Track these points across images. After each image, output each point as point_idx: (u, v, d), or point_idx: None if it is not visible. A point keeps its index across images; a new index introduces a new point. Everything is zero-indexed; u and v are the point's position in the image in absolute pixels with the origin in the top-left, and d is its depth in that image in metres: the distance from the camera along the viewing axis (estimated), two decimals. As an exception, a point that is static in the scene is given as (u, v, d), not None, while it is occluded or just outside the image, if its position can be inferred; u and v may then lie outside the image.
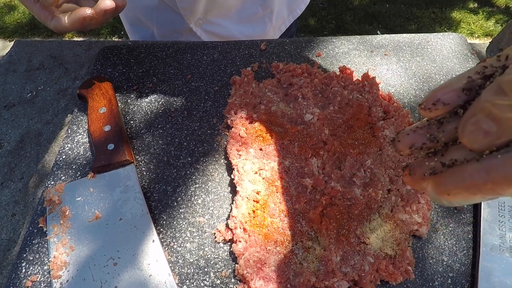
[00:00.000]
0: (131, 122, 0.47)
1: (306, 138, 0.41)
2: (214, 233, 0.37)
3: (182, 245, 0.37)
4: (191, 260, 0.36)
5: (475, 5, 2.12)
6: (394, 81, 0.50)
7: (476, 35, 1.94)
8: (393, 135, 0.41)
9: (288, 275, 0.33)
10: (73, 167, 0.42)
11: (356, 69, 0.51)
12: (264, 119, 0.43)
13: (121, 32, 1.92)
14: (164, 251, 0.36)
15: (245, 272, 0.33)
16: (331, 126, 0.43)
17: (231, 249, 0.36)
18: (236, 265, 0.34)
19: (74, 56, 0.58)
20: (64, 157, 0.43)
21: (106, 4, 0.39)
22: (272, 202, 0.37)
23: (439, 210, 0.39)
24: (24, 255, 0.36)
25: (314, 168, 0.39)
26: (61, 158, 0.43)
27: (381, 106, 0.44)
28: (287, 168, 0.39)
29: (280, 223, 0.36)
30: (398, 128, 0.42)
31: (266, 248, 0.34)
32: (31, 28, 1.93)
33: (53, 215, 0.38)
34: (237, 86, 0.48)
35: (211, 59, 0.53)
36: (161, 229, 0.38)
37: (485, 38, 1.92)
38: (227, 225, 0.37)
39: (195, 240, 0.37)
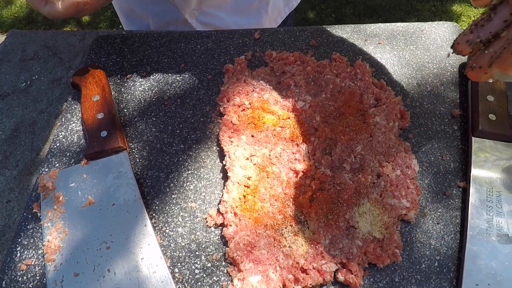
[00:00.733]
0: (125, 110, 0.47)
1: (298, 125, 0.42)
2: (206, 218, 0.38)
3: (174, 230, 0.37)
4: (183, 244, 0.36)
5: (476, -2, 2.10)
6: (388, 70, 0.51)
7: (476, 28, 1.92)
8: (384, 122, 0.42)
9: (277, 258, 0.33)
10: (67, 155, 0.43)
11: (350, 58, 0.51)
12: (257, 107, 0.43)
13: (119, 26, 1.91)
14: (156, 235, 0.37)
15: (235, 255, 0.34)
16: (323, 113, 0.43)
17: (222, 233, 0.36)
18: (227, 249, 0.35)
19: (68, 46, 0.58)
20: (58, 145, 0.44)
21: None
22: (263, 187, 0.38)
23: (428, 196, 0.39)
24: (19, 240, 0.37)
25: (305, 154, 0.39)
26: (55, 146, 0.44)
27: (373, 94, 0.45)
28: (278, 154, 0.40)
29: (270, 208, 0.36)
30: (389, 115, 0.42)
31: (256, 232, 0.35)
32: (29, 22, 1.93)
33: (47, 201, 0.38)
34: (230, 74, 0.48)
35: (205, 48, 0.53)
36: (154, 214, 0.38)
37: (485, 31, 1.90)
38: (218, 210, 0.37)
39: (187, 225, 0.38)
